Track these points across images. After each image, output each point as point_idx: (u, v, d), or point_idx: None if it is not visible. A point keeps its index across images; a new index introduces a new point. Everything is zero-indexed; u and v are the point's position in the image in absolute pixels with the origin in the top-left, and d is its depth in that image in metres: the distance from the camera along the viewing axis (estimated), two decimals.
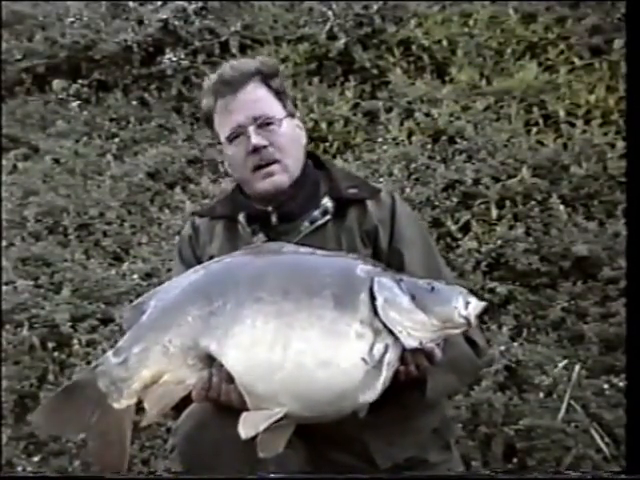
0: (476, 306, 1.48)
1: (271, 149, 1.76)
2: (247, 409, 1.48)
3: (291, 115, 1.84)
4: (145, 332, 1.55)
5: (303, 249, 1.61)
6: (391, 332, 1.47)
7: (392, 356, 1.47)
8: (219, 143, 1.85)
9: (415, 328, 1.47)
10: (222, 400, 1.51)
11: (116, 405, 1.53)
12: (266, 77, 1.81)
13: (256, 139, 1.75)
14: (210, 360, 1.51)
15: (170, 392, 1.54)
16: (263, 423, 1.45)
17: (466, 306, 1.47)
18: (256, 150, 1.75)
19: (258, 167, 1.76)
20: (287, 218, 1.79)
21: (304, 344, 1.45)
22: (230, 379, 1.49)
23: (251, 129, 1.75)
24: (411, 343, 1.47)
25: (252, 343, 1.47)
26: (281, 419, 1.46)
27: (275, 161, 1.76)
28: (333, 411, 1.49)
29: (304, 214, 1.78)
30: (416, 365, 1.52)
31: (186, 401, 1.56)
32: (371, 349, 1.46)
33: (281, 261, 1.58)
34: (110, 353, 1.57)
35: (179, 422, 1.70)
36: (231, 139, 1.78)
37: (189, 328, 1.52)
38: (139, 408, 1.56)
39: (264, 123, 1.77)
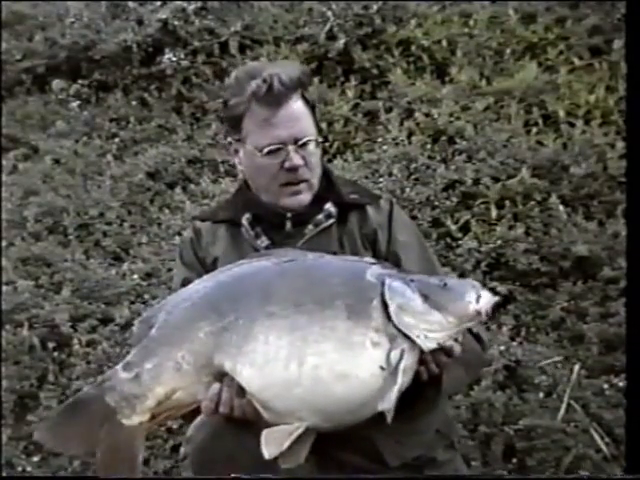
0: (488, 300, 1.47)
1: (305, 169, 1.78)
2: (262, 422, 1.47)
3: (318, 131, 1.86)
4: (156, 347, 1.51)
5: (311, 255, 1.60)
6: (407, 336, 1.46)
7: (409, 361, 1.46)
8: (237, 140, 1.82)
9: (432, 329, 1.46)
10: (236, 415, 1.50)
11: (126, 421, 1.49)
12: (304, 89, 1.82)
13: (296, 159, 1.75)
14: (224, 377, 1.49)
15: (178, 406, 1.52)
16: (286, 441, 1.43)
17: (478, 300, 1.46)
18: (293, 169, 1.76)
19: (288, 184, 1.78)
20: (297, 224, 1.81)
21: (319, 358, 1.44)
22: (242, 393, 1.48)
23: (291, 148, 1.75)
24: (429, 345, 1.46)
25: (266, 360, 1.45)
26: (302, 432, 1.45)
27: (305, 180, 1.79)
28: (353, 420, 1.49)
29: (310, 219, 1.81)
30: (436, 363, 1.53)
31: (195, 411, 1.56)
32: (388, 356, 1.45)
33: (290, 270, 1.56)
34: (119, 367, 1.53)
35: (193, 431, 1.69)
36: (268, 152, 1.77)
37: (201, 344, 1.49)
38: None
39: (303, 143, 1.78)
